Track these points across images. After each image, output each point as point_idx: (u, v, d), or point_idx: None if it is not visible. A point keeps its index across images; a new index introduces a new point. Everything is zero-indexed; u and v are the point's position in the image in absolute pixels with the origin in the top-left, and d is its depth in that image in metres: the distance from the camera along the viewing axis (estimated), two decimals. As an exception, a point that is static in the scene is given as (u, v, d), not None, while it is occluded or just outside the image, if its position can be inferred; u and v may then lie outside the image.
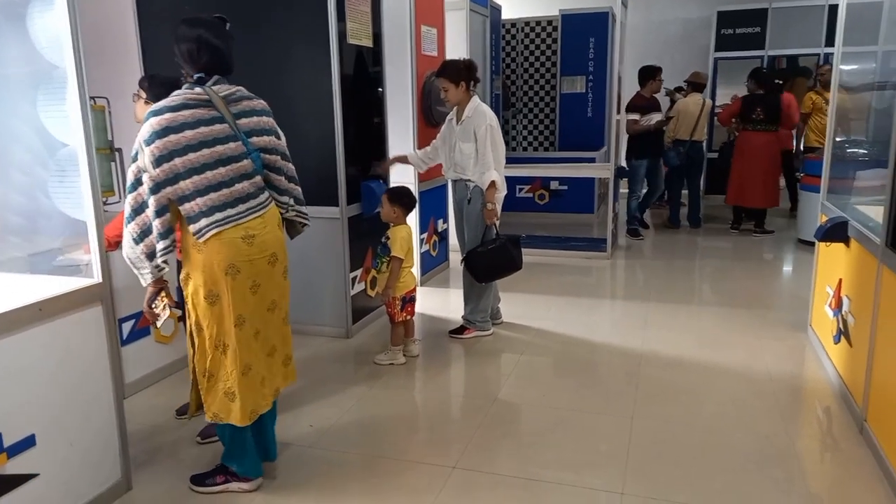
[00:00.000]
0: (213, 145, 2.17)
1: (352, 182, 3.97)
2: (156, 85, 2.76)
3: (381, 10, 4.19)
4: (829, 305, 3.45)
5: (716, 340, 3.94)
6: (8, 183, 2.69)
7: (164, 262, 2.21)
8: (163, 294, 2.27)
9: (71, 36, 2.17)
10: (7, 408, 2.00)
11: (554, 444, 2.82)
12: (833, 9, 4.11)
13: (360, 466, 2.67)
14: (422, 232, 5.07)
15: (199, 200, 2.15)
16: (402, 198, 3.62)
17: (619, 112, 6.38)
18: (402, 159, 4.22)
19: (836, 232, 3.27)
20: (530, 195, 7.81)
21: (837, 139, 3.79)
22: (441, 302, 4.74)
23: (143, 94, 2.79)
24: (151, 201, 2.13)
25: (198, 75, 2.25)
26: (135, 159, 2.16)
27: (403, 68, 4.69)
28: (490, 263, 3.80)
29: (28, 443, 2.06)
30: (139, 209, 2.16)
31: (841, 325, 3.23)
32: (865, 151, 3.43)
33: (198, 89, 2.21)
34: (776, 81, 6.95)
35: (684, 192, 7.33)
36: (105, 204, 3.38)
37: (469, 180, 3.81)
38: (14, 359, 2.02)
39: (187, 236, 2.23)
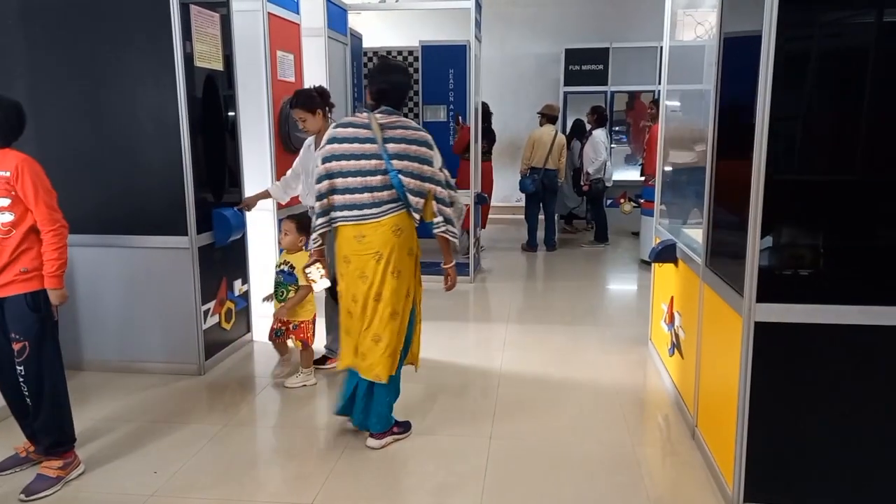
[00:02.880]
0: (358, 159, 2.76)
1: (202, 209, 3.78)
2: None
3: (231, 33, 4.08)
4: (664, 321, 3.75)
5: (567, 357, 4.15)
6: None
7: (320, 236, 2.92)
8: (319, 264, 3.02)
9: None
10: None
11: (415, 469, 2.82)
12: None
13: (209, 511, 2.52)
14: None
15: (337, 196, 2.81)
16: (308, 225, 3.31)
17: (477, 141, 6.61)
18: (264, 195, 4.06)
19: (666, 253, 3.57)
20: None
21: (666, 168, 4.16)
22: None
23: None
24: (317, 188, 2.84)
25: (370, 103, 2.89)
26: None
27: (259, 93, 4.58)
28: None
29: None
30: (320, 197, 2.86)
31: (674, 339, 3.51)
32: (688, 180, 3.79)
33: (364, 114, 2.83)
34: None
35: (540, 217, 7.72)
36: None
37: None
38: None
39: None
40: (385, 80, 2.85)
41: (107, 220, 3.71)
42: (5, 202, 2.49)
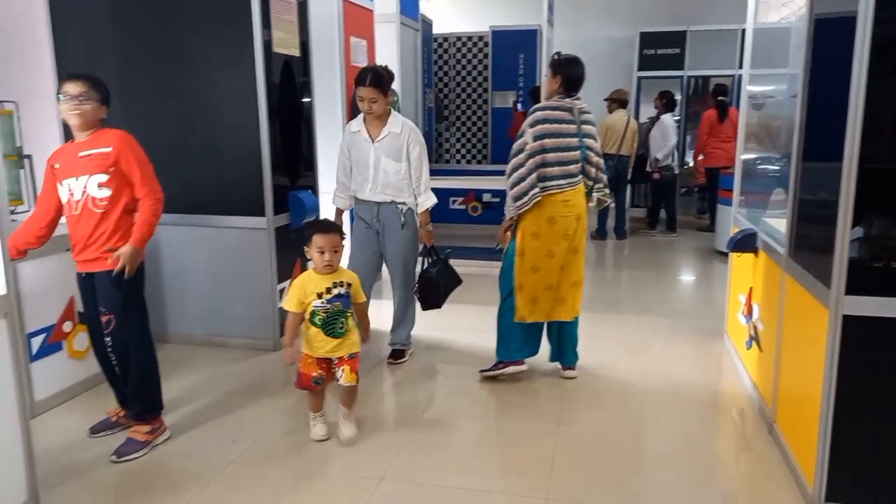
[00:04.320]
0: (564, 137, 3.29)
1: (279, 192, 3.91)
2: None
3: (308, 20, 4.17)
4: (742, 313, 3.63)
5: (637, 348, 4.08)
6: None
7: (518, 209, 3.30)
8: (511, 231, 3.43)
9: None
10: None
11: (482, 453, 2.85)
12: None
13: (285, 483, 2.62)
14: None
15: (549, 169, 3.25)
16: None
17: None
18: (340, 214, 3.69)
19: (746, 243, 3.45)
20: (463, 207, 7.88)
21: (747, 156, 4.01)
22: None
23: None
24: (530, 163, 3.22)
25: (558, 90, 3.36)
26: (519, 137, 3.29)
27: (332, 79, 4.68)
28: (444, 284, 3.73)
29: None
30: (516, 168, 3.25)
31: (752, 332, 3.40)
32: (772, 168, 3.64)
33: (567, 101, 3.33)
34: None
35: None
36: (12, 213, 3.22)
37: (403, 203, 3.57)
38: None
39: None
40: (576, 72, 3.35)
41: (191, 200, 3.88)
42: (103, 178, 2.62)
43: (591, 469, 2.68)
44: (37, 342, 3.06)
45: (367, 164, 3.51)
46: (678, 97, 8.44)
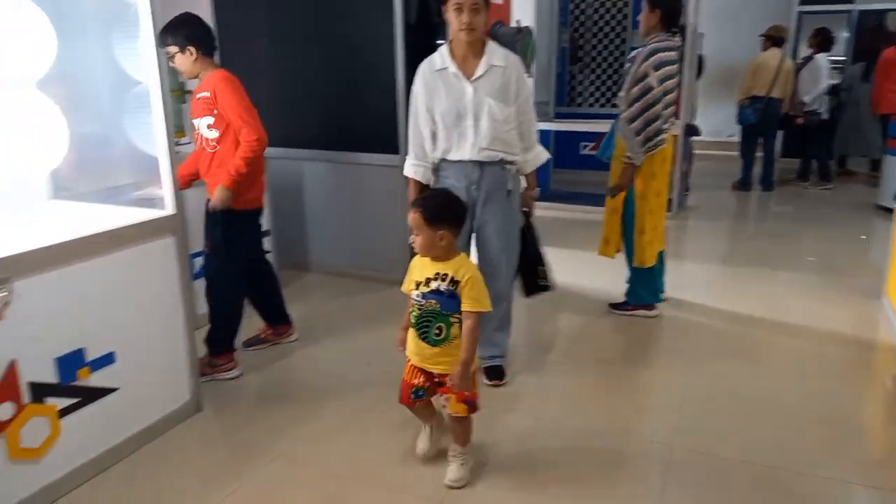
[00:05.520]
0: (674, 77, 3.27)
1: (413, 130, 3.98)
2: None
3: (447, -45, 4.12)
4: (906, 271, 3.29)
5: (778, 304, 3.82)
6: (85, 119, 2.83)
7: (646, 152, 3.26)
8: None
9: (146, -26, 2.25)
10: (89, 326, 2.16)
11: (609, 400, 2.84)
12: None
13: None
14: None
15: (669, 109, 3.25)
16: (446, 211, 2.11)
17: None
18: (418, 188, 2.79)
19: (918, 193, 3.09)
20: (594, 153, 7.65)
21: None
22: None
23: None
24: (658, 106, 3.17)
25: (656, 25, 3.24)
26: (639, 79, 3.17)
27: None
28: (540, 260, 2.98)
29: (108, 359, 2.22)
30: (643, 111, 3.18)
31: (916, 291, 3.08)
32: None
33: (676, 39, 3.24)
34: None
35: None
36: (176, 144, 3.53)
37: (512, 162, 2.71)
38: (95, 281, 2.17)
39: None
40: (677, 5, 3.28)
41: (332, 137, 4.06)
42: (210, 120, 2.78)
43: (719, 422, 2.59)
44: (198, 263, 3.38)
45: (465, 110, 2.59)
46: (844, 34, 7.56)
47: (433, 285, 2.09)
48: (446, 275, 2.08)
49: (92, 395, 2.18)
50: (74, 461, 2.15)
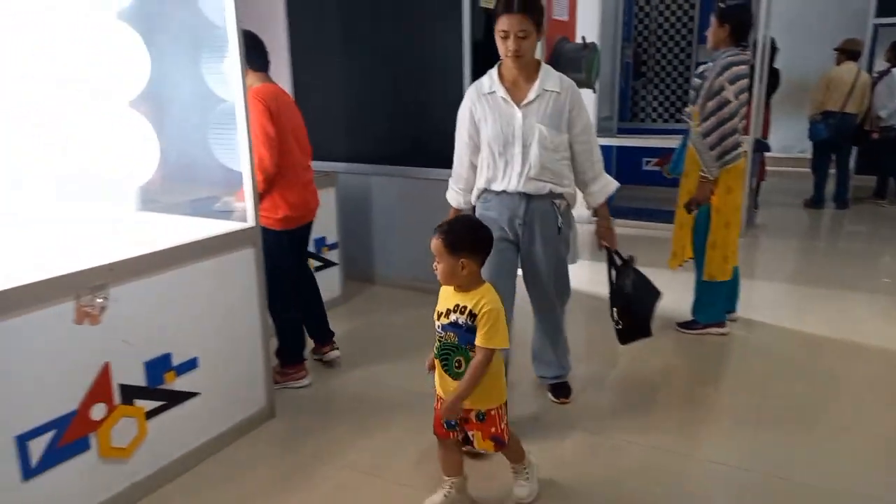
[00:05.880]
0: (745, 92, 3.18)
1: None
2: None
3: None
4: None
5: (855, 327, 3.67)
6: (172, 135, 2.98)
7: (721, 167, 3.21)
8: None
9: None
10: (175, 332, 2.26)
11: (679, 421, 2.79)
12: None
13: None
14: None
15: (742, 122, 3.21)
16: (469, 237, 2.03)
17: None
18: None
19: None
20: (658, 168, 7.53)
21: None
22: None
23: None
24: (735, 120, 3.13)
25: (726, 39, 3.21)
26: (714, 93, 3.11)
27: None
28: (647, 300, 2.68)
29: (192, 364, 2.32)
30: (720, 124, 3.12)
31: None
32: None
33: (748, 53, 3.21)
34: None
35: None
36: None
37: (561, 197, 2.51)
38: (181, 289, 2.28)
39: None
40: (746, 19, 3.23)
41: (396, 152, 4.15)
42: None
43: (792, 445, 2.51)
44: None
45: (513, 136, 2.41)
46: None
47: (452, 318, 1.99)
48: (465, 307, 1.97)
49: (176, 398, 2.28)
50: (159, 462, 2.24)
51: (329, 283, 3.95)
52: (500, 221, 2.51)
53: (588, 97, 5.85)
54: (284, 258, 2.95)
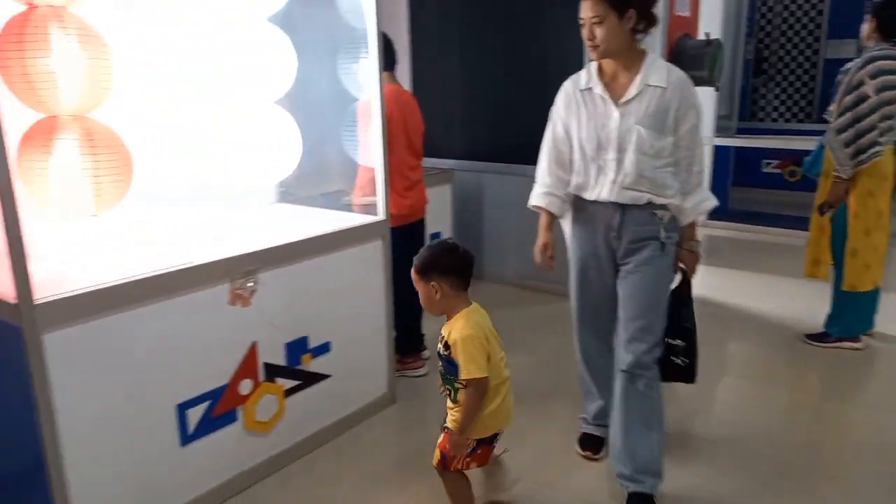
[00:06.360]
0: (893, 90, 2.99)
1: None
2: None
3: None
4: None
5: None
6: (308, 131, 3.15)
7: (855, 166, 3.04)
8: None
9: (374, 3, 2.48)
10: (312, 317, 2.41)
11: (811, 440, 2.67)
12: None
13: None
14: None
15: (888, 122, 3.02)
16: (437, 260, 1.96)
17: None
18: (549, 222, 2.35)
19: None
20: (778, 171, 7.16)
21: None
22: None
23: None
24: (874, 117, 2.97)
25: (874, 35, 3.08)
26: (852, 88, 2.99)
27: (655, 30, 4.55)
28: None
29: (325, 348, 2.47)
30: (855, 121, 3.00)
31: None
32: None
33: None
34: None
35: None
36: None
37: (664, 206, 2.11)
38: (319, 276, 2.42)
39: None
40: (892, 14, 3.02)
41: (510, 150, 4.18)
42: None
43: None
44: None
45: (608, 140, 2.09)
46: None
47: (439, 346, 1.96)
48: (443, 336, 1.92)
49: (311, 379, 2.43)
50: (294, 438, 2.40)
51: (441, 277, 4.05)
52: (591, 236, 2.21)
53: (709, 96, 5.67)
54: (395, 256, 3.01)
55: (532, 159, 4.12)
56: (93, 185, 1.91)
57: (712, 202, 2.20)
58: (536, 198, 2.32)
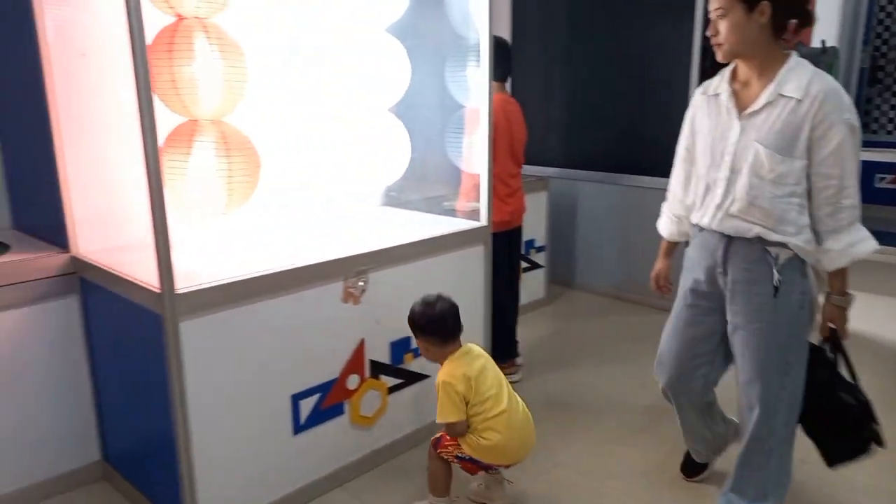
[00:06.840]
0: None
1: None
2: None
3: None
4: None
5: None
6: (415, 138, 3.23)
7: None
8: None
9: (487, 13, 2.52)
10: (417, 318, 2.47)
11: None
12: None
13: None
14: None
15: None
16: (417, 319, 2.12)
17: None
18: (669, 252, 2.25)
19: None
20: (894, 187, 6.72)
21: None
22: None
23: None
24: None
25: None
26: None
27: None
28: (867, 419, 1.90)
29: (427, 349, 2.52)
30: None
31: None
32: None
33: None
34: None
35: None
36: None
37: (779, 244, 1.79)
38: (423, 278, 2.48)
39: None
40: None
41: (609, 159, 4.12)
42: None
43: None
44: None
45: (721, 156, 1.84)
46: None
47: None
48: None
49: (412, 378, 2.50)
50: (394, 434, 2.48)
51: (534, 284, 4.05)
52: (698, 266, 1.95)
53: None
54: (496, 260, 3.03)
55: (629, 169, 4.12)
56: (226, 185, 2.04)
57: (870, 244, 1.78)
58: (662, 226, 2.20)
